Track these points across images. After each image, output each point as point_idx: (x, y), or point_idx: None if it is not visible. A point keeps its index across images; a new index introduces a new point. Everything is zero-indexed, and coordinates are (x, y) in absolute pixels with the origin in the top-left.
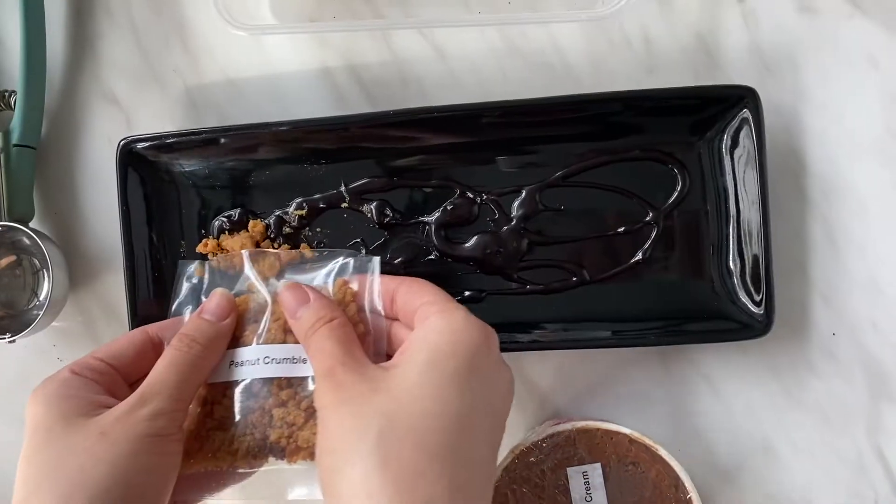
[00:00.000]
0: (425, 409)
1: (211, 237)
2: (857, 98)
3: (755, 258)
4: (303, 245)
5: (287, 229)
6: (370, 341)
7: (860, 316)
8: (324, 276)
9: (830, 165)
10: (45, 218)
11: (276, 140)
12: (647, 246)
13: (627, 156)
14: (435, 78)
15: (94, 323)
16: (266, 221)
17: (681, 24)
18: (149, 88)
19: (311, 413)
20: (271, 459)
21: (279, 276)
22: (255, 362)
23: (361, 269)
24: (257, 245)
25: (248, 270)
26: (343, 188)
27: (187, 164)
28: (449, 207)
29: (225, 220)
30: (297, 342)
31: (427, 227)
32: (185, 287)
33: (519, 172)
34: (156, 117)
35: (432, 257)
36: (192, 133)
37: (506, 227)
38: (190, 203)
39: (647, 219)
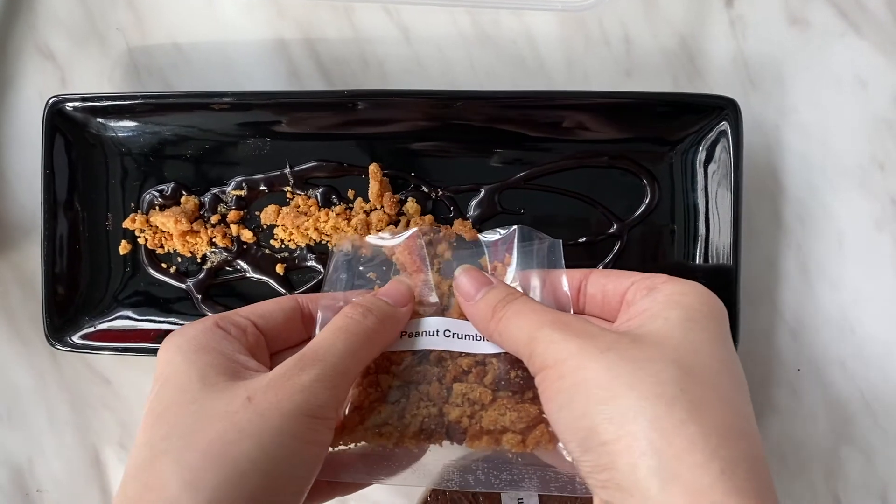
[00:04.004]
0: (707, 365)
1: (140, 212)
2: (843, 121)
3: (722, 283)
4: (458, 222)
5: (223, 209)
6: None
7: (828, 354)
8: (496, 259)
9: (810, 191)
10: None
11: (219, 112)
12: (608, 259)
13: (595, 162)
14: (397, 60)
15: (7, 294)
16: (201, 199)
17: (664, 26)
18: (88, 45)
19: (496, 391)
20: (445, 442)
21: (452, 255)
22: (433, 333)
23: (538, 253)
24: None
25: (420, 254)
26: (288, 170)
27: (121, 131)
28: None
29: (157, 194)
30: None
31: None
32: (340, 260)
33: (478, 170)
34: (93, 77)
35: None
36: (130, 97)
37: None
38: (120, 173)
39: (611, 231)
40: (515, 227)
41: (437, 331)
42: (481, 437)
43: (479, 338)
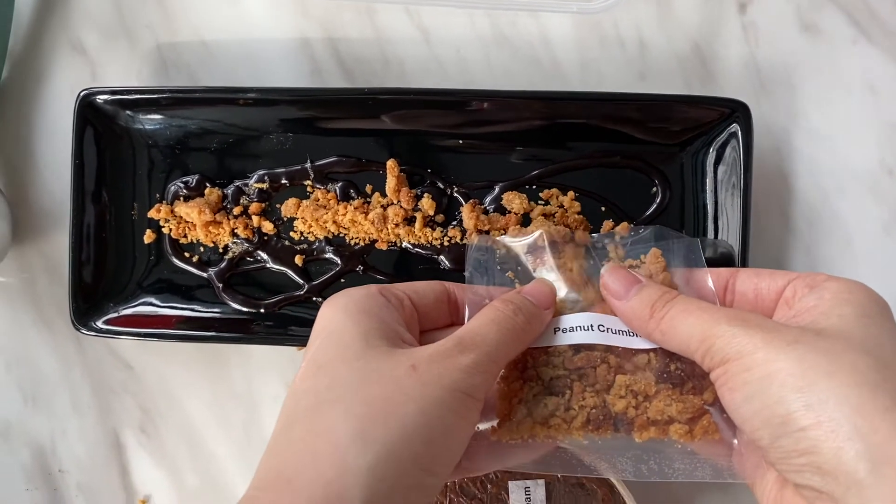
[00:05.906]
0: (893, 359)
1: (165, 202)
2: (853, 127)
3: None
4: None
5: (245, 201)
6: None
7: None
8: (631, 260)
9: (819, 194)
10: None
11: (243, 107)
12: None
13: (607, 161)
14: (417, 61)
15: (36, 280)
16: (224, 191)
17: (678, 29)
18: (119, 42)
19: (658, 383)
20: (612, 433)
21: (585, 253)
22: (586, 328)
23: (677, 252)
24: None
25: (549, 253)
26: (308, 164)
27: (149, 124)
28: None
29: (181, 185)
30: None
31: None
32: (477, 258)
33: (493, 167)
34: (123, 72)
35: (394, 247)
36: (158, 91)
37: None
38: (147, 164)
39: None
40: (652, 227)
41: (592, 325)
42: (648, 427)
43: (631, 333)
